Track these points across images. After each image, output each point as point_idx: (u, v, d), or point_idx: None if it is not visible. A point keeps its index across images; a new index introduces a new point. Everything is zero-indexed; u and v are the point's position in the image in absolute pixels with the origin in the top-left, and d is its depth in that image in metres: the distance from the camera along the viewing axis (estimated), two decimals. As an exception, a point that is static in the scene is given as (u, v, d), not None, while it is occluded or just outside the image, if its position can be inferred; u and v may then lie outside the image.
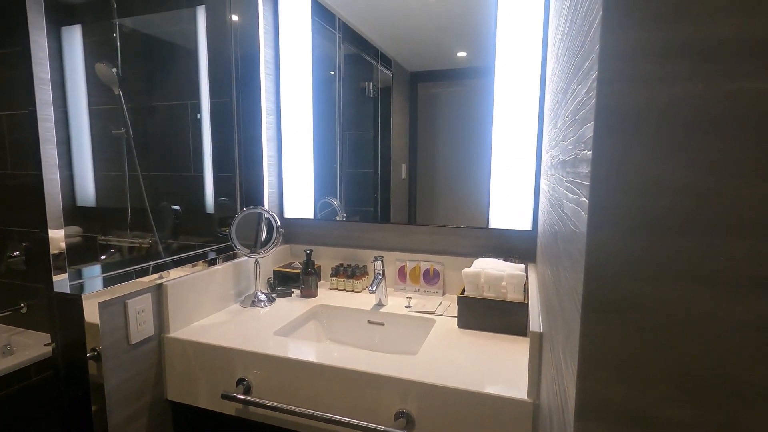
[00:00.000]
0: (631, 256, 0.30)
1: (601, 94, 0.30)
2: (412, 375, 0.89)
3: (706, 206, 0.28)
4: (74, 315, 0.93)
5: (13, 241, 1.87)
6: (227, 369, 1.04)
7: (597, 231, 0.31)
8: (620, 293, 0.30)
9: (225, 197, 1.57)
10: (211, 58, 1.54)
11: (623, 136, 0.29)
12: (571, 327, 0.38)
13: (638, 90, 0.29)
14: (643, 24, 0.28)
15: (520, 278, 1.11)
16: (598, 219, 0.30)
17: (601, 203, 0.30)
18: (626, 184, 0.30)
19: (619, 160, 0.29)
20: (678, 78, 0.28)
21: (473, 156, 1.41)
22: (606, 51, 0.30)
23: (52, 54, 1.53)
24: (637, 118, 0.29)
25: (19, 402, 1.60)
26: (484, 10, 1.32)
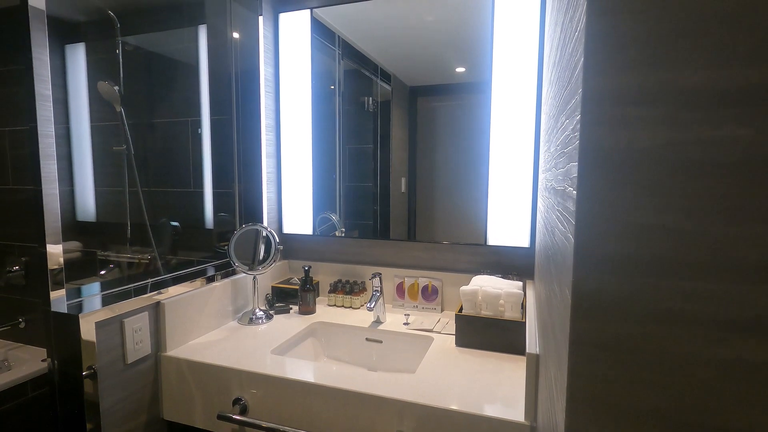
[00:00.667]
0: (615, 297, 0.30)
1: (584, 136, 0.31)
2: (410, 396, 0.89)
3: (687, 248, 0.28)
4: (71, 334, 0.93)
5: (13, 255, 1.88)
6: (224, 388, 1.04)
7: (582, 271, 0.31)
8: (606, 333, 0.31)
9: (224, 213, 1.58)
10: (211, 75, 1.57)
11: (605, 178, 0.30)
12: (561, 360, 0.38)
13: (619, 133, 0.29)
14: (622, 70, 0.29)
15: (518, 296, 1.11)
16: (583, 259, 0.31)
17: (585, 244, 0.31)
18: (609, 225, 0.30)
19: (602, 202, 0.30)
20: (657, 123, 0.28)
21: (471, 171, 1.42)
22: (588, 94, 0.30)
23: (56, 71, 1.56)
24: (618, 161, 0.30)
25: (15, 418, 1.59)
26: (481, 27, 1.34)
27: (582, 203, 0.31)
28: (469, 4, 1.36)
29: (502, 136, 1.32)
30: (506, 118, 1.31)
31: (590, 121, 0.30)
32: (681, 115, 0.28)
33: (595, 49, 0.30)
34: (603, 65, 0.30)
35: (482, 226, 1.39)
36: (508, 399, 0.89)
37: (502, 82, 1.30)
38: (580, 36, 0.33)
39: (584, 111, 0.31)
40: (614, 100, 0.29)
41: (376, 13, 1.47)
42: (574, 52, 0.37)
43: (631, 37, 0.29)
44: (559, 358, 0.40)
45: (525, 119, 1.28)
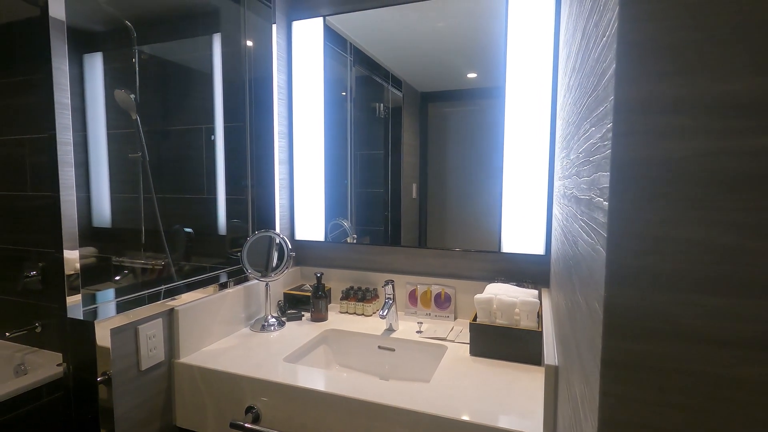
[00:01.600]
0: (652, 316, 0.29)
1: (617, 146, 0.30)
2: (424, 407, 0.87)
3: (726, 265, 0.27)
4: (86, 340, 0.94)
5: (30, 260, 1.91)
6: (236, 396, 1.03)
7: (617, 288, 0.30)
8: (640, 352, 0.29)
9: (237, 219, 1.59)
10: (225, 83, 1.58)
11: (639, 189, 0.29)
12: (590, 378, 0.36)
13: (654, 143, 0.28)
14: (657, 78, 0.28)
15: (534, 305, 1.09)
16: (618, 276, 0.30)
17: (620, 259, 0.29)
18: (642, 238, 0.29)
19: (636, 216, 0.29)
20: (695, 133, 0.27)
21: (484, 176, 1.40)
22: (621, 103, 0.29)
23: (75, 80, 1.59)
24: (653, 172, 0.28)
25: (30, 422, 1.61)
26: (494, 33, 1.33)
27: (614, 215, 0.30)
28: (481, 9, 1.35)
29: (516, 142, 1.30)
30: (520, 123, 1.29)
31: (623, 131, 0.29)
32: (720, 125, 0.27)
33: (629, 56, 0.29)
34: (637, 73, 0.28)
35: (496, 232, 1.37)
36: (525, 411, 0.87)
37: (516, 88, 1.29)
38: (609, 42, 0.32)
39: (616, 120, 0.29)
40: (649, 109, 0.28)
41: (387, 20, 1.48)
42: (602, 58, 0.36)
43: (667, 43, 0.27)
44: (587, 376, 0.38)
45: (539, 125, 1.27)
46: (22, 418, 1.58)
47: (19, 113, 1.88)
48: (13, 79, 1.87)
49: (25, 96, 1.86)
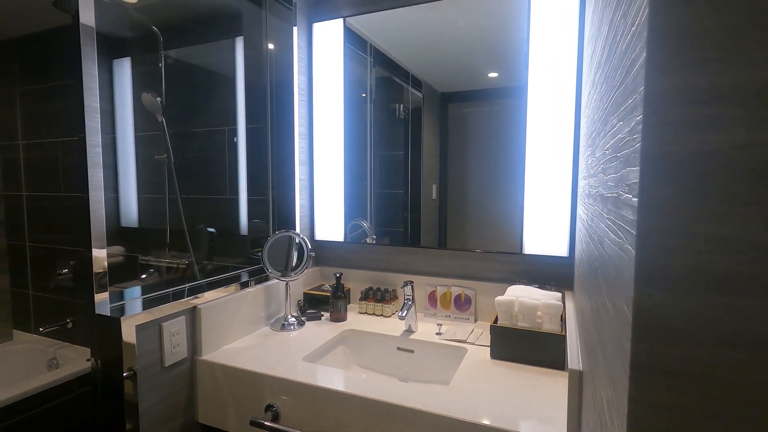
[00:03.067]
0: (685, 318, 0.27)
1: (647, 139, 0.28)
2: (444, 410, 0.86)
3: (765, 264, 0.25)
4: (113, 336, 0.97)
5: (62, 259, 1.98)
6: (256, 394, 1.04)
7: (647, 288, 0.28)
8: (673, 358, 0.28)
9: (258, 219, 1.61)
10: (247, 85, 1.61)
11: (671, 184, 0.27)
12: (617, 383, 0.35)
13: (688, 137, 0.27)
14: (691, 66, 0.26)
15: (557, 308, 1.06)
16: (648, 275, 0.28)
17: (651, 259, 0.28)
18: (675, 236, 0.27)
19: (669, 213, 0.27)
20: (731, 124, 0.25)
21: (505, 177, 1.38)
22: (651, 94, 0.28)
23: (104, 84, 1.64)
24: (687, 166, 0.27)
25: (62, 414, 1.67)
26: (515, 32, 1.31)
27: (645, 212, 0.28)
28: (503, 7, 1.33)
29: (539, 142, 1.28)
30: (543, 122, 1.26)
31: (654, 123, 0.28)
32: (760, 114, 0.25)
33: (660, 44, 0.27)
34: (669, 62, 0.27)
35: (517, 234, 1.34)
36: (547, 416, 0.85)
37: (539, 87, 1.26)
38: (639, 31, 0.31)
39: (647, 112, 0.28)
40: (682, 100, 0.27)
41: (407, 20, 1.47)
42: (630, 49, 0.34)
43: (702, 30, 0.26)
44: (614, 381, 0.37)
45: (563, 124, 1.24)
46: (55, 410, 1.65)
47: (53, 117, 1.96)
48: (46, 84, 1.95)
49: (57, 101, 1.94)
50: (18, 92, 2.03)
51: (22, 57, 2.01)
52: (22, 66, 2.01)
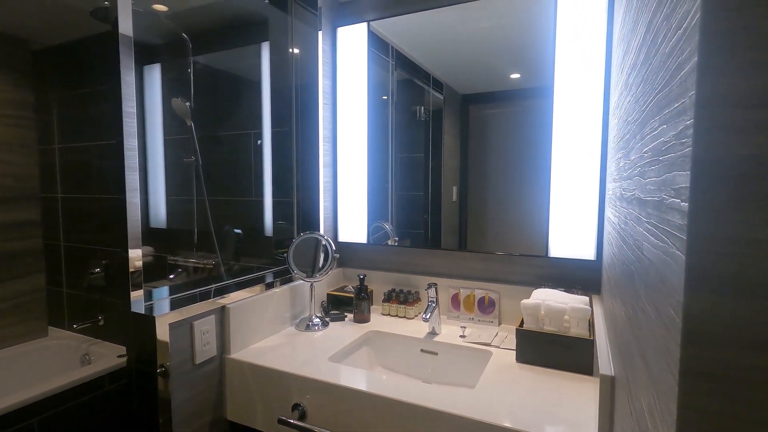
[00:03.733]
0: (737, 323, 0.27)
1: (698, 144, 0.28)
2: (470, 412, 0.86)
3: (834, 271, 0.24)
4: (147, 333, 1.00)
5: (95, 258, 2.05)
6: (283, 393, 1.06)
7: (697, 293, 0.28)
8: (724, 363, 0.27)
9: (282, 221, 1.63)
10: (273, 90, 1.64)
11: (724, 190, 0.27)
12: (662, 389, 0.34)
13: (741, 141, 0.26)
14: (746, 70, 0.26)
15: (585, 312, 1.05)
16: (698, 280, 0.28)
17: (701, 263, 0.28)
18: (729, 244, 0.27)
19: (720, 217, 0.27)
20: (793, 128, 0.25)
21: (527, 179, 1.37)
22: (703, 98, 0.28)
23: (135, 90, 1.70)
24: (741, 171, 0.27)
25: (94, 408, 1.73)
26: (541, 32, 1.30)
27: (695, 217, 0.28)
28: (528, 8, 1.32)
29: (565, 143, 1.26)
30: (569, 123, 1.25)
31: (706, 127, 0.27)
32: (820, 119, 0.25)
33: (713, 48, 0.27)
34: (722, 66, 0.27)
35: (541, 236, 1.33)
36: (574, 421, 0.84)
37: (565, 87, 1.25)
38: (688, 34, 0.30)
39: (698, 116, 0.28)
40: (735, 104, 0.27)
41: (429, 23, 1.48)
42: (676, 51, 0.34)
43: (756, 34, 0.26)
44: (658, 387, 0.36)
45: (590, 125, 1.22)
46: (88, 405, 1.71)
47: (87, 122, 2.03)
48: (81, 90, 2.03)
49: (91, 106, 2.01)
50: (55, 98, 2.11)
51: (58, 64, 2.09)
52: (58, 73, 2.09)
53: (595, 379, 1.00)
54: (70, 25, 1.86)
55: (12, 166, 2.00)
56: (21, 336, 2.05)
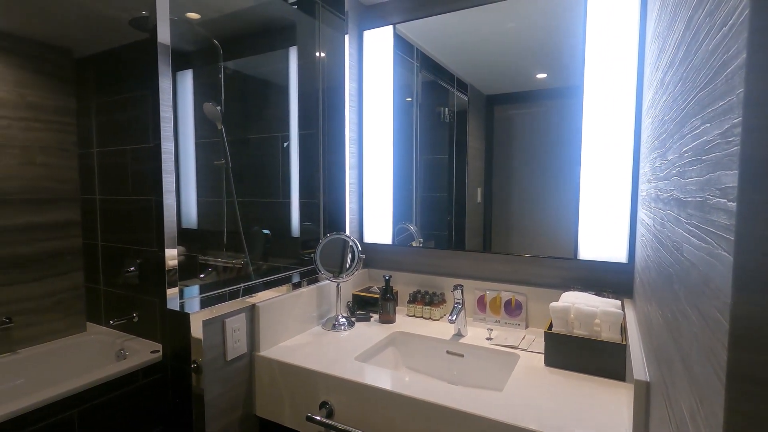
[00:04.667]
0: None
1: (748, 142, 0.27)
2: (499, 415, 0.85)
3: None
4: (182, 330, 1.03)
5: (130, 257, 2.14)
6: (311, 391, 1.08)
7: (746, 294, 0.27)
8: (779, 366, 0.27)
9: (309, 222, 1.66)
10: (300, 93, 1.67)
11: (777, 188, 0.26)
12: (706, 393, 0.34)
13: (796, 138, 0.26)
14: (800, 67, 0.26)
15: (617, 316, 1.02)
16: (748, 281, 0.27)
17: (751, 264, 0.27)
18: (783, 242, 0.26)
19: (774, 216, 0.26)
20: None
21: (554, 180, 1.35)
22: (752, 96, 0.27)
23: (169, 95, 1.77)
24: (795, 169, 0.26)
25: (129, 402, 1.80)
26: (569, 30, 1.28)
27: (745, 217, 0.28)
28: (556, 7, 1.30)
29: (596, 143, 1.23)
30: (600, 123, 1.22)
31: (755, 126, 0.27)
32: None
33: (764, 44, 0.26)
34: (773, 62, 0.26)
35: (569, 238, 1.30)
36: (606, 427, 0.82)
37: (595, 86, 1.22)
38: (735, 32, 0.30)
39: (747, 115, 0.27)
40: (787, 101, 0.26)
41: (455, 24, 1.47)
42: (721, 48, 0.34)
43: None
44: (701, 391, 0.36)
45: (622, 124, 1.19)
46: (123, 398, 1.78)
47: (123, 127, 2.12)
48: (118, 96, 2.12)
49: (127, 111, 2.10)
50: (94, 104, 2.21)
51: (98, 71, 2.19)
52: (98, 80, 2.19)
53: (627, 384, 0.98)
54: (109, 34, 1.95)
55: (54, 169, 2.11)
56: (62, 331, 2.16)
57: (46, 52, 2.06)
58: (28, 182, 2.01)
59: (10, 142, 1.95)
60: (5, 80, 1.93)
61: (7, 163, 1.94)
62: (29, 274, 2.03)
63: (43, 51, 2.05)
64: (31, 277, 2.03)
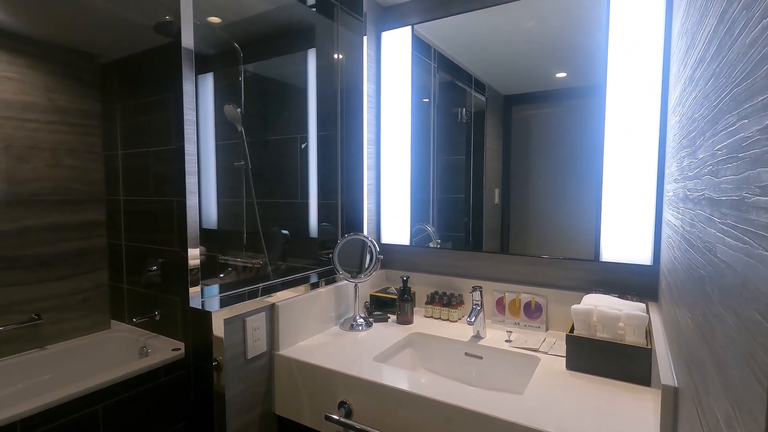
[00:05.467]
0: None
1: (791, 138, 0.26)
2: (521, 418, 0.84)
3: None
4: (204, 328, 1.05)
5: (152, 257, 2.18)
6: (330, 390, 1.08)
7: (792, 295, 0.26)
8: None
9: (326, 222, 1.67)
10: (319, 95, 1.68)
11: (825, 185, 0.25)
12: (744, 399, 0.33)
13: None
14: None
15: (642, 319, 1.00)
16: (794, 281, 0.26)
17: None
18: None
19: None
20: None
21: (574, 180, 1.32)
22: (797, 90, 0.26)
23: (191, 98, 1.80)
24: None
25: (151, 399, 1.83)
26: (589, 29, 1.26)
27: (789, 216, 0.27)
28: (578, 5, 1.28)
29: (618, 142, 1.21)
30: (623, 122, 1.20)
31: (800, 121, 0.26)
32: None
33: (808, 36, 0.26)
34: (820, 55, 0.25)
35: (590, 240, 1.28)
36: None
37: (618, 85, 1.20)
38: (777, 24, 0.29)
39: (791, 109, 0.26)
40: (835, 95, 0.25)
41: (473, 24, 1.47)
42: (761, 42, 0.33)
43: None
44: (738, 396, 0.34)
45: (646, 123, 1.16)
46: (145, 395, 1.81)
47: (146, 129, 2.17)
48: (141, 100, 2.17)
49: (150, 114, 2.15)
50: (118, 107, 2.28)
51: (122, 76, 2.25)
52: (121, 84, 2.25)
53: (652, 390, 0.95)
54: (134, 39, 2.00)
55: (81, 171, 2.17)
56: (87, 328, 2.22)
57: (74, 58, 2.13)
58: (56, 184, 2.08)
59: (39, 144, 2.02)
60: (36, 86, 2.00)
61: (37, 165, 2.01)
62: (56, 272, 2.09)
63: (71, 57, 2.11)
64: (58, 276, 2.10)
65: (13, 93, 1.92)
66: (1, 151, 1.89)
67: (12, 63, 1.92)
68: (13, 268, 1.95)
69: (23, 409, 1.45)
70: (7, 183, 1.91)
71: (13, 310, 1.95)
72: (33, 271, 2.02)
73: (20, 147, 1.96)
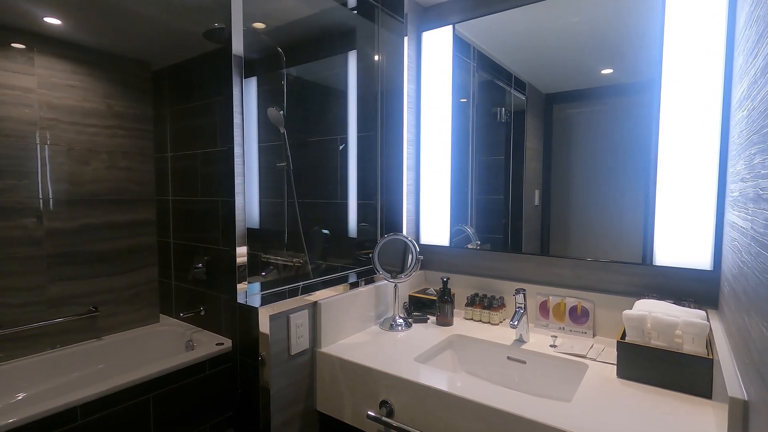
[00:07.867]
0: None
1: None
2: (571, 426, 0.81)
3: None
4: (251, 323, 1.08)
5: (198, 255, 2.28)
6: (371, 389, 1.09)
7: None
8: None
9: (365, 222, 1.68)
10: (359, 96, 1.70)
11: None
12: None
13: None
14: None
15: (702, 328, 0.94)
16: None
17: None
18: None
19: None
20: None
21: (620, 180, 1.27)
22: None
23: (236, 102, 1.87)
24: None
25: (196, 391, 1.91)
26: (641, 22, 1.20)
27: None
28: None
29: (674, 141, 1.15)
30: (679, 119, 1.13)
31: None
32: None
33: None
34: None
35: (638, 243, 1.22)
36: (698, 449, 0.75)
37: (674, 80, 1.14)
38: None
39: None
40: None
41: (514, 21, 1.44)
42: None
43: None
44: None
45: (706, 120, 1.09)
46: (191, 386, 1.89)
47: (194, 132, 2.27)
48: (190, 104, 2.28)
49: (198, 118, 2.25)
50: (169, 112, 2.40)
51: (172, 81, 2.37)
52: (172, 89, 2.37)
53: (714, 402, 0.89)
54: (184, 46, 2.10)
55: (135, 172, 2.30)
56: (138, 321, 2.35)
57: (130, 66, 2.26)
58: (112, 184, 2.21)
59: (99, 148, 2.16)
60: (96, 92, 2.14)
61: (97, 167, 2.15)
62: (111, 267, 2.23)
63: (127, 65, 2.25)
64: (112, 271, 2.23)
65: (75, 100, 2.07)
66: (64, 154, 2.04)
67: (75, 72, 2.06)
68: (74, 263, 2.09)
69: (83, 395, 1.55)
70: (69, 184, 2.06)
71: (74, 302, 2.10)
72: (92, 266, 2.15)
73: (81, 150, 2.10)
